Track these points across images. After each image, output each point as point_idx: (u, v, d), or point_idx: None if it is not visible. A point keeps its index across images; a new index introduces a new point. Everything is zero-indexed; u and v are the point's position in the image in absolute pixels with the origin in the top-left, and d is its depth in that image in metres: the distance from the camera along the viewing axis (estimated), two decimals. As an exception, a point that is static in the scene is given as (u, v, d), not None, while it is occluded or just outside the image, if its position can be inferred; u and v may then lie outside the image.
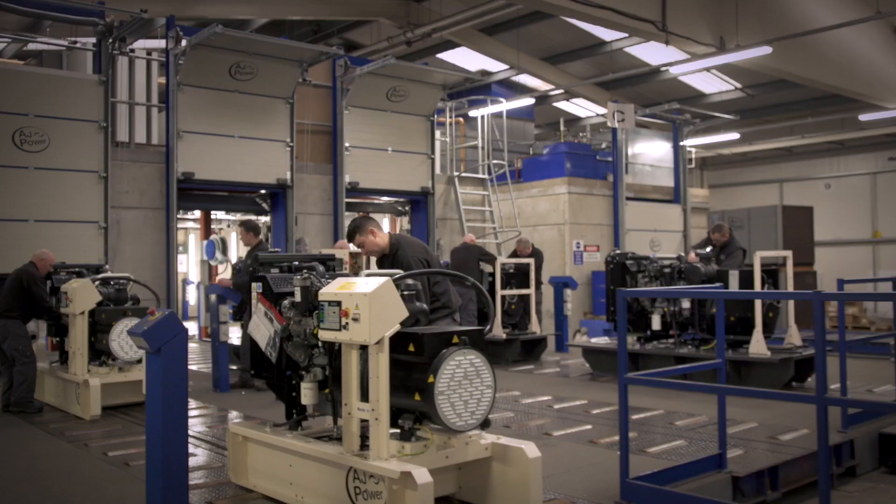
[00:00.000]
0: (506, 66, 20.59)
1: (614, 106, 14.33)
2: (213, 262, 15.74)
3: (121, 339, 7.59)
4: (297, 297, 4.75)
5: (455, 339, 4.16)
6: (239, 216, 18.48)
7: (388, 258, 5.50)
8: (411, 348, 4.13)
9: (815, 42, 14.41)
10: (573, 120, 24.93)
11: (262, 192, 13.08)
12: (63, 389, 8.01)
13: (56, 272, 8.61)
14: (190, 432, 6.88)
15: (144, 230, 11.31)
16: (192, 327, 14.53)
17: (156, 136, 12.68)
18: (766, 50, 12.08)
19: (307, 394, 4.71)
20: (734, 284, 8.80)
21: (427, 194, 14.13)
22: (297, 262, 5.23)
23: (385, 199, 14.96)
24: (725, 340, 8.97)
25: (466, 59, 20.76)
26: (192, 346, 13.81)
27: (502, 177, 16.09)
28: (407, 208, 15.06)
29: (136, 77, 12.36)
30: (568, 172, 17.05)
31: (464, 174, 15.33)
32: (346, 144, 13.03)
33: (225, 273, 12.79)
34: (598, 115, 24.21)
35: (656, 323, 9.55)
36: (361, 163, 13.25)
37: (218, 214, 16.95)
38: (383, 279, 4.09)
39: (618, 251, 10.16)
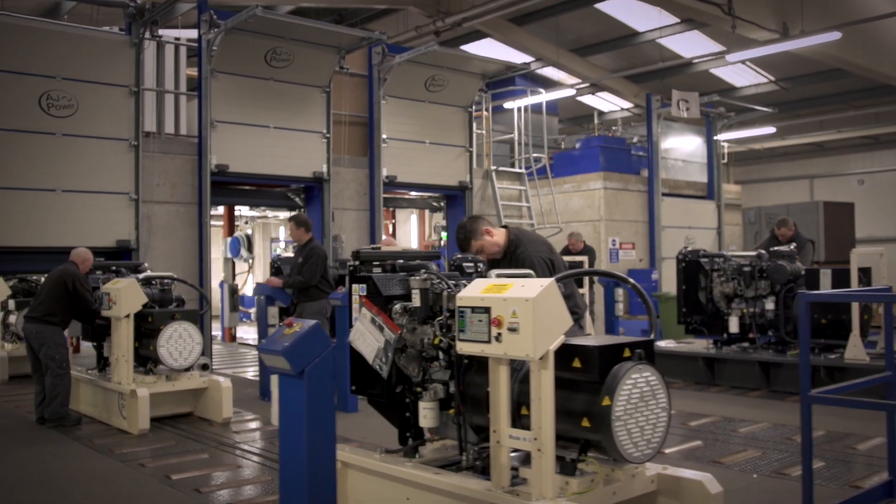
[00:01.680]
0: (532, 59, 19.89)
1: (678, 94, 13.66)
2: (237, 260, 15.08)
3: (169, 344, 6.91)
4: (415, 302, 4.08)
5: (626, 353, 3.49)
6: (259, 212, 17.82)
7: (506, 257, 4.81)
8: (576, 364, 3.45)
9: (874, 30, 13.77)
10: (598, 114, 24.21)
11: (294, 186, 12.37)
12: (104, 399, 7.32)
13: (91, 271, 7.91)
14: (248, 448, 6.22)
15: (176, 225, 10.60)
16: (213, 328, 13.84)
17: (184, 127, 11.97)
18: (835, 35, 11.43)
19: (427, 415, 4.03)
20: (826, 284, 8.16)
21: (465, 189, 13.46)
22: (401, 261, 4.55)
23: (420, 194, 14.26)
24: (815, 344, 8.42)
25: (492, 51, 20.03)
26: (215, 347, 13.12)
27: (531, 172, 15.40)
28: (442, 204, 14.37)
29: (165, 66, 11.63)
30: (603, 167, 16.39)
31: (501, 168, 14.62)
32: (384, 136, 12.33)
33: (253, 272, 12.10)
34: (622, 108, 23.53)
35: (734, 325, 8.90)
36: (398, 156, 12.56)
37: (242, 210, 16.23)
38: (546, 281, 3.41)
39: (689, 249, 9.49)
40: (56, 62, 9.49)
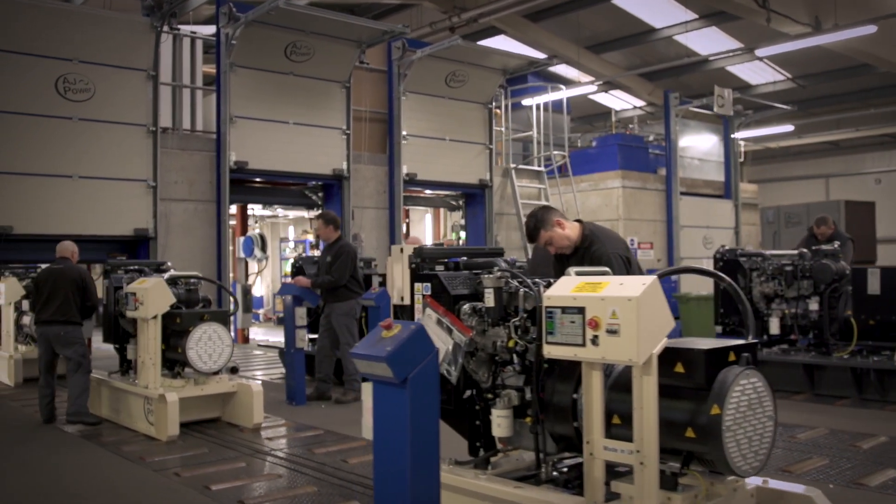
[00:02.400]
0: (544, 56, 19.63)
1: (718, 89, 13.38)
2: (250, 260, 14.77)
3: (199, 346, 6.60)
4: (488, 302, 3.79)
5: (731, 357, 3.20)
6: (270, 210, 17.51)
7: (576, 253, 4.52)
8: (679, 369, 3.16)
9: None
10: (608, 112, 23.95)
11: (311, 184, 12.09)
12: (127, 404, 7.01)
13: (114, 270, 7.62)
14: (285, 455, 5.93)
15: (194, 224, 10.32)
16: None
17: (200, 123, 11.69)
18: (871, 29, 11.15)
19: (502, 423, 3.74)
20: (875, 284, 7.88)
21: (485, 187, 13.18)
22: (465, 258, 4.26)
23: (438, 192, 13.97)
24: (863, 346, 8.15)
25: (506, 49, 19.76)
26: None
27: (551, 171, 15.12)
28: (460, 202, 14.08)
29: (182, 60, 11.34)
30: (620, 165, 16.14)
31: (520, 167, 14.34)
32: (403, 133, 12.04)
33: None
34: (634, 107, 23.26)
35: (774, 327, 8.62)
36: (418, 153, 12.29)
37: (255, 209, 15.92)
38: (648, 278, 3.12)
39: (727, 247, 9.22)
40: (73, 45, 9.19)
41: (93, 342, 11.10)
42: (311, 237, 18.90)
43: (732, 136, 18.24)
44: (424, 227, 17.78)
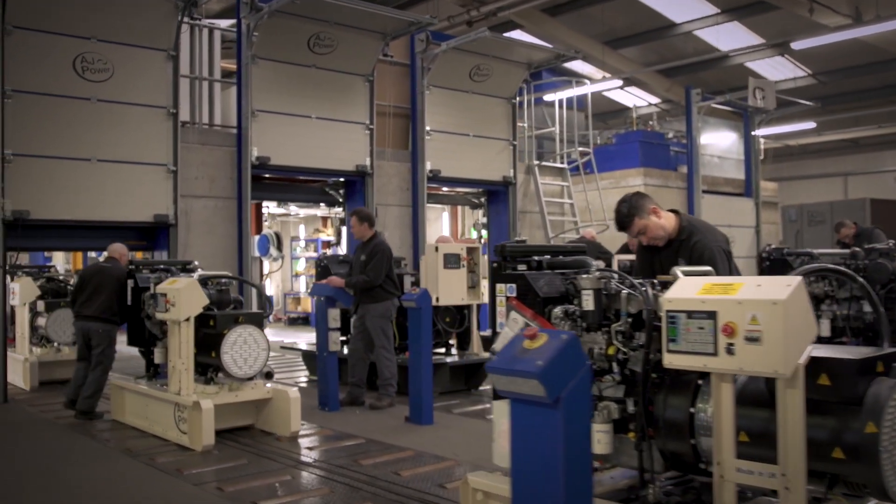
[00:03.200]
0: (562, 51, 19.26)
1: (755, 82, 13.00)
2: (265, 259, 14.41)
3: (234, 350, 6.24)
4: (586, 304, 3.43)
5: (880, 367, 2.85)
6: (284, 209, 17.13)
7: (670, 246, 4.15)
8: (824, 381, 2.80)
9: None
10: (622, 110, 23.63)
11: (332, 180, 11.70)
12: (157, 411, 6.65)
13: (138, 269, 7.26)
14: (330, 467, 5.56)
15: (214, 221, 9.93)
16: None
17: (219, 117, 11.31)
18: (915, 21, 10.85)
19: (601, 439, 3.36)
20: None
21: (509, 184, 12.80)
22: (548, 256, 3.90)
23: (460, 189, 13.60)
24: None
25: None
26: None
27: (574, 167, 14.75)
28: (482, 200, 13.71)
29: (198, 53, 10.97)
30: (642, 163, 15.78)
31: (544, 163, 13.97)
32: (427, 128, 11.67)
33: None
34: (649, 104, 22.91)
35: (825, 329, 8.24)
36: (441, 149, 11.89)
37: (270, 207, 15.53)
38: (794, 279, 2.76)
39: (773, 245, 8.87)
40: (91, 23, 8.73)
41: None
42: (323, 236, 18.54)
43: (753, 133, 17.87)
44: (441, 226, 17.41)
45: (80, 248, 13.45)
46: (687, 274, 3.29)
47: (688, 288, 2.96)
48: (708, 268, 3.60)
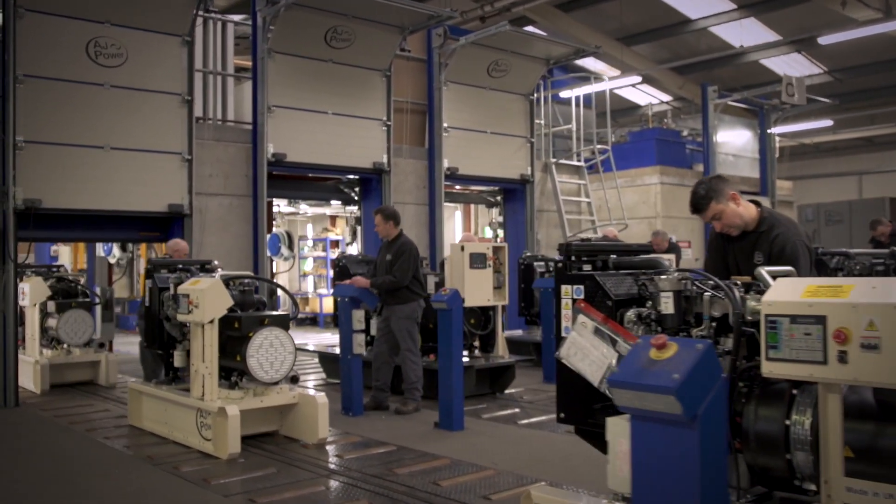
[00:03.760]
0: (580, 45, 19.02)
1: (789, 77, 12.74)
2: (276, 259, 14.15)
3: (260, 354, 5.98)
4: (665, 308, 3.17)
5: None
6: (293, 207, 16.85)
7: (746, 237, 3.88)
8: (945, 392, 2.55)
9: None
10: (632, 108, 23.38)
11: (346, 178, 11.45)
12: (177, 416, 6.39)
13: (156, 270, 6.99)
14: (364, 476, 5.30)
15: (229, 220, 9.68)
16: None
17: (231, 112, 11.05)
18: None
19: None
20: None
21: (526, 182, 12.55)
22: (614, 256, 3.64)
23: (476, 188, 13.35)
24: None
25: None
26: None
27: (592, 165, 14.50)
28: (497, 199, 13.45)
29: (212, 47, 10.71)
30: (658, 161, 15.52)
31: (561, 161, 13.72)
32: (445, 125, 11.42)
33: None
34: (660, 101, 22.65)
35: None
36: (458, 146, 11.65)
37: (280, 206, 15.26)
38: (917, 281, 2.51)
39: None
40: (105, 7, 8.45)
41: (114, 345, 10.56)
42: (332, 236, 18.26)
43: (769, 131, 17.61)
44: (454, 226, 17.14)
45: (92, 238, 13.12)
46: (771, 274, 3.04)
47: (790, 290, 2.70)
48: (790, 268, 3.34)
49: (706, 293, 3.14)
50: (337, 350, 9.39)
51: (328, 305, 16.28)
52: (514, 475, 5.19)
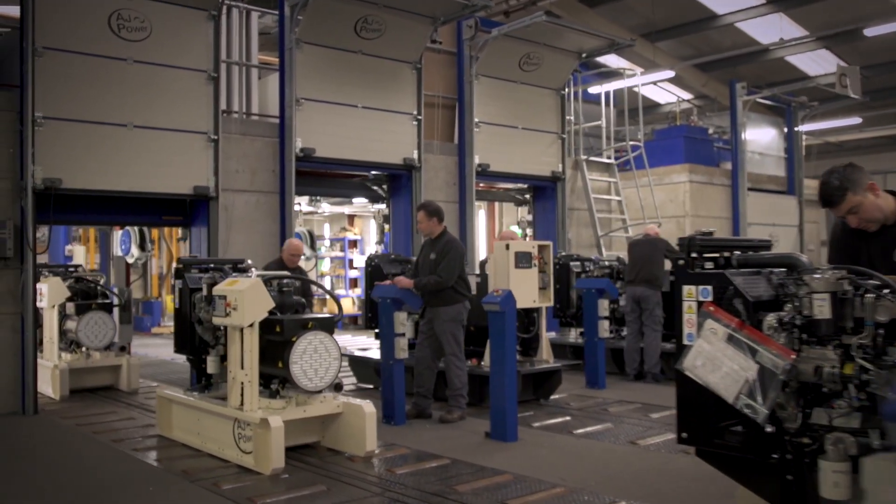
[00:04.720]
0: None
1: (843, 68, 12.27)
2: (297, 259, 13.69)
3: (303, 360, 5.54)
4: (819, 312, 2.73)
5: None
6: (313, 206, 16.43)
7: (889, 234, 3.43)
8: None
9: None
10: (652, 106, 22.93)
11: (373, 174, 11.01)
12: (212, 426, 5.95)
13: (187, 269, 6.57)
14: (419, 493, 4.86)
15: (256, 217, 9.26)
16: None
17: (255, 105, 10.63)
18: None
19: (839, 481, 2.68)
20: None
21: (557, 179, 12.12)
22: (738, 253, 3.20)
23: (505, 185, 12.91)
24: None
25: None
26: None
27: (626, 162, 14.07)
28: (526, 196, 13.02)
29: (235, 39, 10.30)
30: (686, 159, 15.09)
31: (591, 158, 13.29)
32: (476, 120, 10.99)
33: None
34: (682, 99, 22.20)
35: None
36: (488, 142, 11.22)
37: (302, 203, 14.83)
38: None
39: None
40: None
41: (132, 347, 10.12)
42: (350, 235, 17.85)
43: (796, 129, 17.18)
44: (477, 224, 16.72)
45: (113, 222, 12.67)
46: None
47: None
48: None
49: (868, 294, 2.70)
50: (368, 353, 9.02)
51: (347, 306, 15.88)
52: (589, 493, 4.75)
